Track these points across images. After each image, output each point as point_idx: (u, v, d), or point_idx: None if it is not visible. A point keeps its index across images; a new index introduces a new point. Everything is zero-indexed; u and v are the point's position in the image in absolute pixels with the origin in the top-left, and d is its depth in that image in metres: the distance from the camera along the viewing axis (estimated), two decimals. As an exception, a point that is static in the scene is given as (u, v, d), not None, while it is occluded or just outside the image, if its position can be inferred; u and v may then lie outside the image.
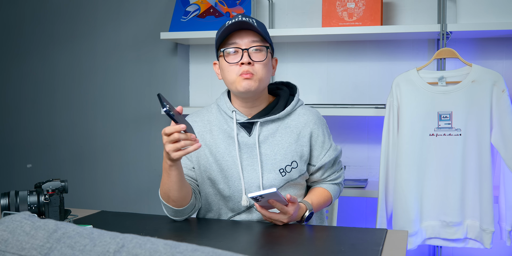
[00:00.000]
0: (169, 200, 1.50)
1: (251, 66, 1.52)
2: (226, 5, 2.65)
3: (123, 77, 2.93)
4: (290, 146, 1.58)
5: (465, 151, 2.11)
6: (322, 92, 2.67)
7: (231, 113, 1.60)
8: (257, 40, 1.54)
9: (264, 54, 1.55)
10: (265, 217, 1.49)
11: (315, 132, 1.62)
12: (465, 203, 2.13)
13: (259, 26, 1.55)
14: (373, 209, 2.52)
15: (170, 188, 1.47)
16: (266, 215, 1.48)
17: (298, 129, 1.61)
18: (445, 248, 2.50)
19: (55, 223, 0.64)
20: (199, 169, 1.62)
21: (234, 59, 1.54)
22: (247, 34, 1.54)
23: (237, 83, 1.53)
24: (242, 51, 1.52)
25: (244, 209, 1.60)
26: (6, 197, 1.31)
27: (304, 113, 1.64)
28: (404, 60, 2.56)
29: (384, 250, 1.26)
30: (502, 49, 2.45)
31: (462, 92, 2.12)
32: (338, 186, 1.74)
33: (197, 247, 0.60)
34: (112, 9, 2.93)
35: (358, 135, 2.64)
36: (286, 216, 1.47)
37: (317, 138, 1.63)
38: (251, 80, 1.52)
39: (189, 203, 1.52)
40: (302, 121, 1.62)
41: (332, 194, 1.70)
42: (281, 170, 1.57)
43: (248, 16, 1.56)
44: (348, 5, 2.41)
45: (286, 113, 1.61)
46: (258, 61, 1.53)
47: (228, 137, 1.60)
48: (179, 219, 1.55)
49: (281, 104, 1.63)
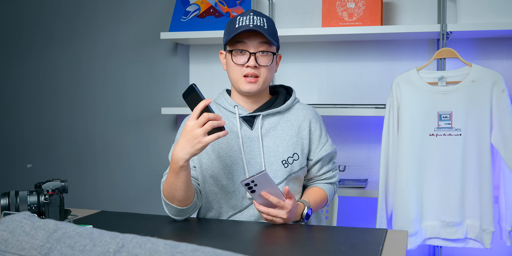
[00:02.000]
0: (174, 200, 1.50)
1: (256, 69, 1.58)
2: (226, 5, 2.65)
3: (123, 77, 2.93)
4: (292, 138, 1.63)
5: (465, 151, 2.11)
6: (322, 92, 2.67)
7: (233, 108, 1.65)
8: (265, 42, 1.58)
9: (270, 58, 1.60)
10: (264, 216, 1.48)
11: (313, 126, 1.68)
12: (465, 203, 2.13)
13: (268, 27, 1.58)
14: (373, 209, 2.52)
15: (177, 188, 1.47)
16: (264, 211, 1.46)
17: (298, 122, 1.66)
18: (445, 248, 2.50)
19: (55, 223, 0.64)
20: (201, 168, 1.63)
21: (240, 59, 1.58)
22: (257, 36, 1.57)
23: (240, 84, 1.59)
24: (250, 54, 1.57)
25: (245, 207, 1.61)
26: (6, 197, 1.31)
27: (303, 108, 1.71)
28: (404, 60, 2.56)
29: (384, 250, 1.26)
30: (502, 49, 2.45)
31: (462, 92, 2.12)
32: (333, 186, 1.75)
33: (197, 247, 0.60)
34: (112, 9, 2.93)
35: (358, 135, 2.64)
36: (284, 211, 1.46)
37: (314, 132, 1.68)
38: (255, 84, 1.58)
39: (192, 202, 1.53)
40: (301, 115, 1.68)
41: (328, 193, 1.72)
42: (283, 161, 1.61)
43: (259, 14, 1.59)
44: (348, 5, 2.41)
45: (287, 106, 1.67)
46: (264, 65, 1.59)
47: (230, 132, 1.62)
48: (180, 219, 1.55)
49: (281, 99, 1.69)
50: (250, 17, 1.56)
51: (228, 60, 1.62)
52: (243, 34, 1.56)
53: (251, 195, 1.47)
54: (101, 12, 2.95)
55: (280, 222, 1.49)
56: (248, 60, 1.57)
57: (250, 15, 1.57)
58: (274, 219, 1.48)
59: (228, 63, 1.62)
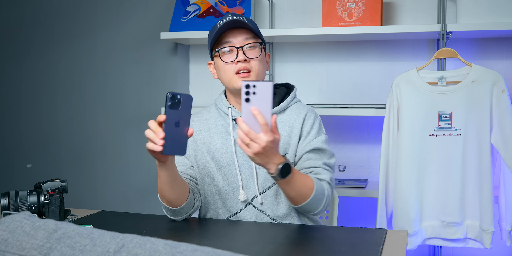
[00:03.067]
0: (164, 200, 1.51)
1: (247, 63, 1.56)
2: (226, 5, 2.65)
3: (123, 77, 2.93)
4: (283, 138, 1.59)
5: (465, 151, 2.11)
6: (322, 92, 2.67)
7: (227, 110, 1.63)
8: (250, 37, 1.57)
9: (258, 51, 1.58)
10: (241, 137, 1.30)
11: (305, 123, 1.60)
12: (465, 203, 2.13)
13: (249, 22, 1.57)
14: (373, 209, 2.52)
15: (162, 188, 1.47)
16: (245, 130, 1.28)
17: (291, 121, 1.61)
18: (445, 248, 2.50)
19: (55, 223, 0.64)
20: (198, 167, 1.63)
21: (229, 58, 1.57)
22: (240, 33, 1.57)
23: (233, 81, 1.57)
24: (237, 49, 1.56)
25: (240, 209, 1.60)
26: (6, 197, 1.31)
27: (298, 107, 1.65)
28: (404, 60, 2.56)
29: (384, 250, 1.26)
30: (502, 49, 2.45)
31: (462, 92, 2.12)
32: (321, 183, 1.54)
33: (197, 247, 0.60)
34: (112, 9, 2.93)
35: (358, 135, 2.64)
36: (265, 139, 1.28)
37: (304, 129, 1.60)
38: (248, 77, 1.56)
39: (186, 202, 1.51)
40: (294, 114, 1.63)
41: (315, 184, 1.50)
42: None
43: (237, 15, 1.58)
44: (348, 5, 2.41)
45: (280, 109, 1.63)
46: (254, 57, 1.57)
47: (226, 133, 1.62)
48: (178, 219, 1.55)
49: (276, 100, 1.65)
50: (230, 17, 1.56)
51: (217, 63, 1.60)
52: (226, 34, 1.56)
53: (242, 106, 1.29)
54: (101, 12, 2.94)
55: (253, 151, 1.30)
56: (237, 56, 1.56)
57: (229, 17, 1.57)
58: (250, 144, 1.30)
59: (218, 66, 1.59)
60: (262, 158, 1.33)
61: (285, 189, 1.46)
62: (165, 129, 1.29)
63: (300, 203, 1.50)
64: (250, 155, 1.32)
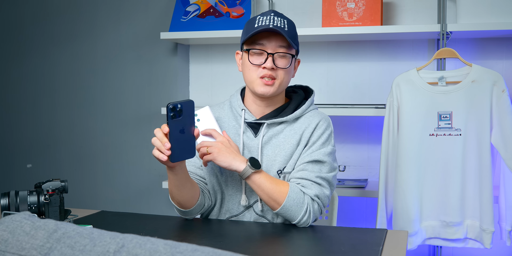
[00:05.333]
0: (174, 201, 1.52)
1: (273, 71, 1.51)
2: (226, 5, 2.65)
3: (123, 77, 2.93)
4: (292, 147, 1.56)
5: (465, 151, 2.11)
6: (322, 92, 2.67)
7: (240, 112, 1.61)
8: (285, 46, 1.52)
9: (288, 61, 1.53)
10: (199, 148, 1.47)
11: (314, 133, 1.56)
12: (465, 203, 2.13)
13: (289, 29, 1.51)
14: (373, 209, 2.52)
15: (171, 190, 1.49)
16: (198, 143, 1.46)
17: (302, 129, 1.57)
18: (445, 248, 2.50)
19: (55, 223, 0.64)
20: (206, 168, 1.62)
21: (257, 60, 1.52)
22: (276, 38, 1.51)
23: (255, 85, 1.53)
24: (268, 54, 1.51)
25: (241, 212, 1.60)
26: (6, 197, 1.31)
27: (312, 115, 1.60)
28: (404, 60, 2.56)
29: (384, 250, 1.26)
30: (502, 49, 2.45)
31: (462, 92, 2.12)
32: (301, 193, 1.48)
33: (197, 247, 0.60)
34: (112, 9, 2.93)
35: (358, 135, 2.64)
36: (219, 140, 1.47)
37: (311, 138, 1.56)
38: (271, 86, 1.52)
39: (196, 205, 1.53)
40: (306, 122, 1.58)
41: (290, 191, 1.47)
42: (279, 171, 1.56)
43: (280, 15, 1.53)
44: (348, 5, 2.41)
45: (295, 116, 1.58)
46: (282, 67, 1.52)
47: (236, 134, 1.60)
48: (188, 218, 1.57)
49: (291, 107, 1.60)
50: (271, 17, 1.50)
51: (244, 60, 1.55)
52: (261, 35, 1.51)
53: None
54: (101, 12, 2.95)
55: (216, 150, 1.46)
56: (265, 61, 1.50)
57: (270, 15, 1.51)
58: (210, 148, 1.46)
59: (245, 63, 1.55)
60: (226, 156, 1.45)
61: (256, 190, 1.48)
62: (170, 139, 1.32)
63: (275, 209, 1.48)
64: (215, 156, 1.45)
